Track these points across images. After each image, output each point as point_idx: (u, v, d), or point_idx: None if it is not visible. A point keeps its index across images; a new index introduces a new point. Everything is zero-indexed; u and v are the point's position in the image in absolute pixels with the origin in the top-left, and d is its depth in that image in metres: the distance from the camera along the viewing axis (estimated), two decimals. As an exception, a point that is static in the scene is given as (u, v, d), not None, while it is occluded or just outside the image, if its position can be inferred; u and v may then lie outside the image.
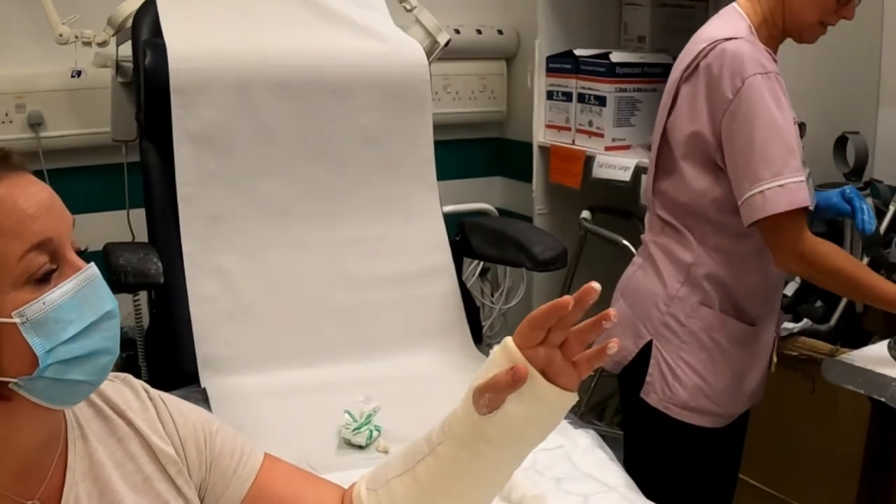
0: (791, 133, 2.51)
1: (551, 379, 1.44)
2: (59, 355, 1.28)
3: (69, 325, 1.29)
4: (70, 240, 1.35)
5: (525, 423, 1.47)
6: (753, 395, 2.82)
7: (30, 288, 1.28)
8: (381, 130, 3.42)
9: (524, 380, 1.41)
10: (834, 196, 2.82)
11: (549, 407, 1.47)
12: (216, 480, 1.57)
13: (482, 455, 1.50)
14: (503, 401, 1.45)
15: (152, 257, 2.95)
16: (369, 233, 3.39)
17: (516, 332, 1.47)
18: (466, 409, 1.48)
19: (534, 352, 1.44)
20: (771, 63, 2.53)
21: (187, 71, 3.17)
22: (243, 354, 3.12)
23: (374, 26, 3.51)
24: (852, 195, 2.77)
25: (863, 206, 2.75)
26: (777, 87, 2.51)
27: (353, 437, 2.69)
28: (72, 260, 1.33)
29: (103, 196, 3.73)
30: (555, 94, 4.06)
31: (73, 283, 1.31)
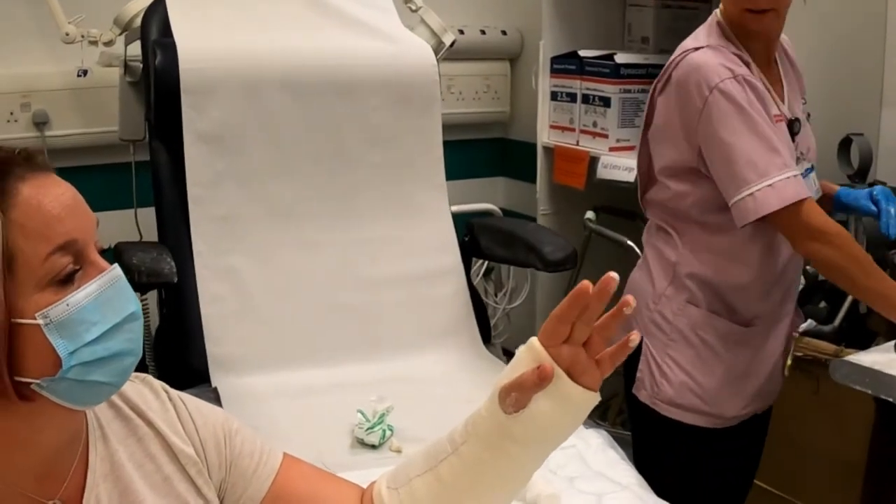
0: (770, 130, 2.51)
1: (575, 378, 1.46)
2: (83, 357, 1.28)
3: (93, 327, 1.29)
4: (94, 239, 1.35)
5: (550, 423, 1.48)
6: (759, 398, 2.82)
7: (53, 289, 1.28)
8: (391, 131, 3.43)
9: (550, 379, 1.43)
10: (862, 197, 2.79)
11: (574, 406, 1.48)
12: (236, 480, 1.57)
13: (507, 454, 1.51)
14: (529, 400, 1.46)
15: (165, 257, 2.95)
16: (379, 233, 3.40)
17: (541, 330, 1.48)
18: (492, 408, 1.49)
19: (558, 351, 1.46)
20: (739, 66, 2.53)
21: (197, 71, 3.18)
22: (254, 354, 3.12)
23: (383, 26, 3.52)
24: (880, 196, 2.73)
25: (890, 209, 2.71)
26: (746, 88, 2.51)
27: (366, 437, 2.69)
28: (95, 261, 1.33)
29: (110, 195, 3.72)
30: (559, 95, 4.07)
31: (96, 285, 1.31)
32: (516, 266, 4.24)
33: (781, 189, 2.47)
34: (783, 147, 2.53)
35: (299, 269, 3.28)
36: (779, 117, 2.62)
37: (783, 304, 2.82)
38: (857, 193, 2.82)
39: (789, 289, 2.84)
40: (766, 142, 2.49)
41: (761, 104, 2.53)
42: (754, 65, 2.60)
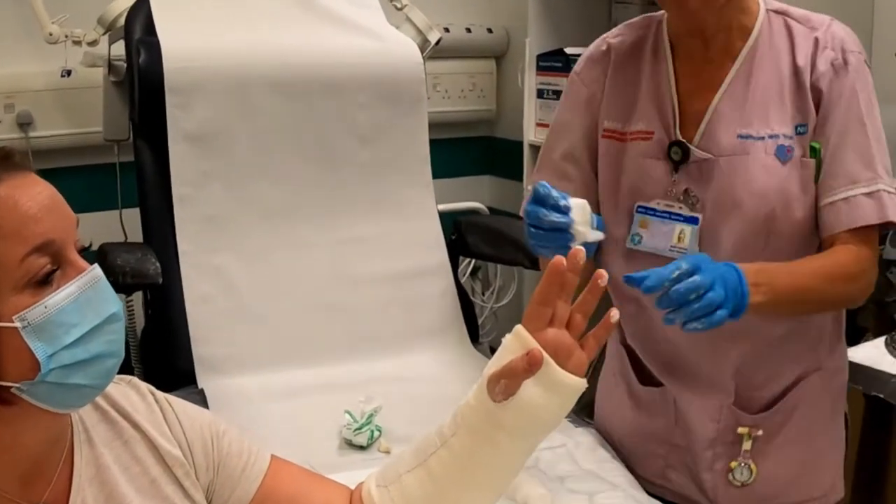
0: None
1: (561, 364, 1.50)
2: (62, 360, 1.27)
3: (72, 329, 1.28)
4: (74, 239, 1.34)
5: (539, 409, 1.51)
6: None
7: (31, 291, 1.27)
8: (377, 129, 3.42)
9: (540, 364, 1.46)
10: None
11: (562, 392, 1.51)
12: (224, 482, 1.56)
13: (497, 443, 1.52)
14: (518, 387, 1.48)
15: (150, 257, 2.94)
16: (366, 232, 3.39)
17: (525, 316, 1.53)
18: (480, 397, 1.51)
19: (543, 335, 1.50)
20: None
21: (182, 70, 3.16)
22: (241, 355, 3.11)
23: (369, 24, 3.51)
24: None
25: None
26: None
27: (354, 438, 2.67)
28: (74, 261, 1.32)
29: (94, 196, 3.71)
30: (545, 93, 4.06)
31: (76, 286, 1.29)
32: (503, 264, 4.24)
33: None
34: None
35: (286, 269, 3.27)
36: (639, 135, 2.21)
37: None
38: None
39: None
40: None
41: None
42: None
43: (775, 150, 2.09)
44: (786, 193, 2.08)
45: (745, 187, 2.08)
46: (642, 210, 2.18)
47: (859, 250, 2.05)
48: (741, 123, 2.10)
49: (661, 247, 2.15)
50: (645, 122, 2.18)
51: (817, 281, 2.03)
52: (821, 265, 2.05)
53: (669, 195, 2.15)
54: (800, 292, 2.02)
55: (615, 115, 2.23)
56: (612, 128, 2.24)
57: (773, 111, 2.10)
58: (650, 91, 2.19)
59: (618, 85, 2.24)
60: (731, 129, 2.11)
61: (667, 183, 2.15)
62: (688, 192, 2.14)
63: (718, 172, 2.11)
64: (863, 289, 2.10)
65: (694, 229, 2.12)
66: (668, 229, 2.15)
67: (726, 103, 2.12)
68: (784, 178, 2.08)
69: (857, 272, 2.06)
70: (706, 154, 2.11)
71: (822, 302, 2.11)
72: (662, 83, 2.18)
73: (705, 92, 2.14)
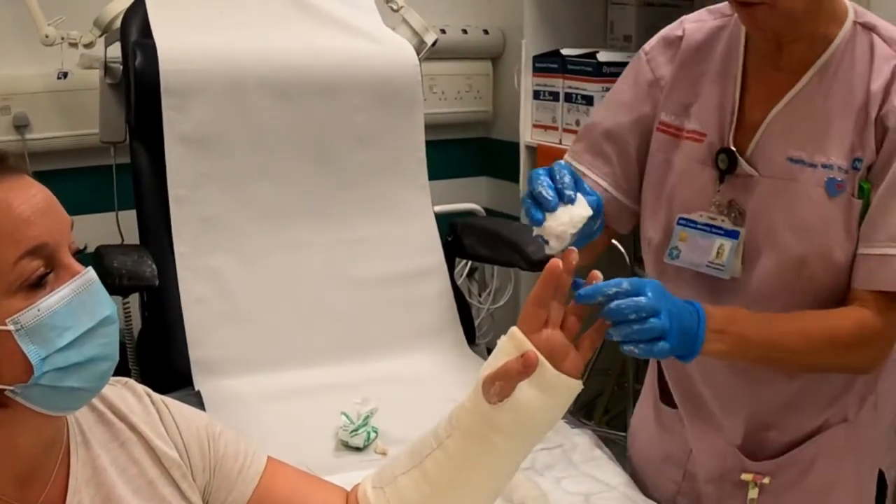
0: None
1: (556, 365, 1.51)
2: (56, 363, 1.27)
3: (65, 332, 1.28)
4: (69, 242, 1.34)
5: (535, 410, 1.52)
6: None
7: (23, 294, 1.27)
8: (374, 131, 3.42)
9: (534, 366, 1.48)
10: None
11: (557, 393, 1.52)
12: (220, 484, 1.57)
13: (492, 445, 1.53)
14: (513, 389, 1.50)
15: (147, 259, 2.93)
16: (362, 234, 3.39)
17: (520, 318, 1.55)
18: (475, 399, 1.52)
19: (538, 337, 1.52)
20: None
21: (178, 72, 3.16)
22: (237, 356, 3.11)
23: (365, 26, 3.52)
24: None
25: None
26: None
27: (350, 439, 2.68)
28: (68, 264, 1.32)
29: (91, 198, 3.70)
30: (541, 94, 4.06)
31: (69, 289, 1.30)
32: (500, 266, 4.24)
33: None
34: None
35: (282, 270, 3.27)
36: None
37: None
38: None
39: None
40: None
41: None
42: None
43: (825, 182, 1.88)
44: (827, 232, 1.89)
45: (784, 217, 1.91)
46: (683, 222, 2.01)
47: (876, 316, 1.84)
48: (794, 145, 1.91)
49: (699, 262, 1.99)
50: (700, 122, 2.02)
51: (802, 343, 1.86)
52: (812, 327, 1.87)
53: (713, 206, 1.99)
54: (776, 350, 1.87)
55: (674, 108, 2.06)
56: (669, 122, 2.06)
57: (833, 137, 1.88)
58: (713, 90, 2.01)
59: (683, 76, 2.06)
60: (782, 149, 1.92)
61: (711, 192, 1.99)
62: (732, 204, 1.97)
63: (760, 193, 1.94)
64: (869, 359, 1.93)
65: (733, 244, 1.95)
66: (708, 244, 1.98)
67: (784, 119, 1.92)
68: (828, 215, 1.88)
69: (861, 341, 1.86)
70: (752, 171, 1.94)
71: (807, 365, 1.95)
72: (728, 83, 1.99)
73: (768, 101, 1.94)
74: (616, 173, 2.13)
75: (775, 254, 1.92)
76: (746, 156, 1.94)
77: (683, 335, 1.72)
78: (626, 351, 1.66)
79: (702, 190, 2.00)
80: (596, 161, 2.13)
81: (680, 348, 1.72)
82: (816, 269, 1.90)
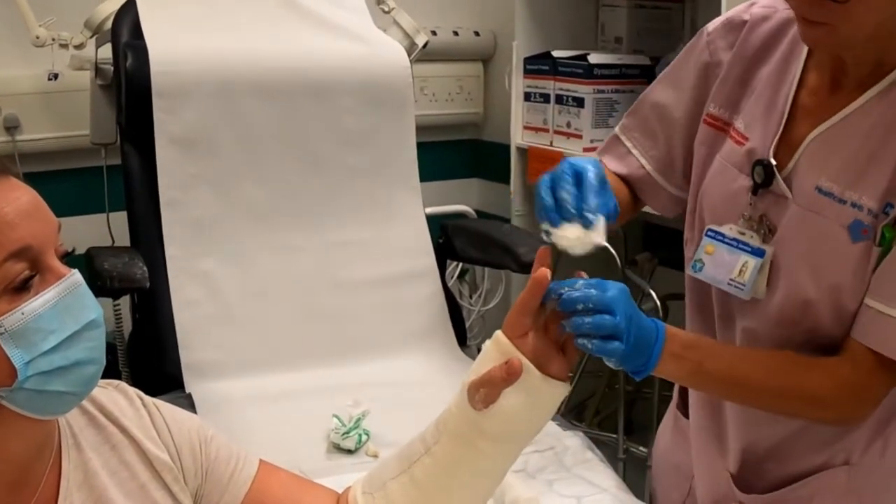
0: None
1: (542, 368, 1.51)
2: (40, 366, 1.27)
3: (49, 336, 1.27)
4: (56, 244, 1.33)
5: (521, 416, 1.52)
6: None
7: (7, 297, 1.26)
8: (365, 133, 3.42)
9: (518, 374, 1.48)
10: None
11: (543, 397, 1.53)
12: (212, 487, 1.56)
13: (479, 450, 1.53)
14: (498, 395, 1.50)
15: (137, 262, 2.93)
16: (353, 236, 3.39)
17: (505, 323, 1.54)
18: (461, 405, 1.52)
19: (523, 341, 1.52)
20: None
21: (169, 74, 3.16)
22: (228, 359, 3.11)
23: (356, 28, 3.51)
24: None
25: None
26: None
27: (342, 442, 2.68)
28: (54, 267, 1.31)
29: (82, 199, 3.70)
30: (532, 96, 4.06)
31: (54, 292, 1.29)
32: (491, 268, 4.23)
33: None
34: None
35: (273, 273, 3.27)
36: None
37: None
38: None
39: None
40: None
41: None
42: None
43: (850, 224, 1.69)
44: (841, 277, 1.72)
45: (799, 250, 1.76)
46: (712, 234, 1.86)
47: (859, 373, 1.71)
48: (828, 174, 1.72)
49: (721, 278, 1.84)
50: (746, 123, 1.86)
51: (766, 388, 1.76)
52: (783, 374, 1.75)
53: (744, 219, 1.83)
54: (736, 389, 1.78)
55: (724, 100, 1.91)
56: (717, 115, 1.91)
57: (870, 175, 1.69)
58: (766, 90, 1.85)
59: (740, 67, 1.90)
60: (814, 176, 1.74)
61: (743, 203, 1.83)
62: (763, 220, 1.81)
63: (789, 218, 1.77)
64: (844, 417, 1.79)
65: (757, 263, 1.78)
66: (732, 260, 1.82)
67: (825, 141, 1.74)
68: (847, 260, 1.71)
69: (836, 399, 1.74)
70: (786, 191, 1.77)
71: (772, 410, 1.83)
72: (782, 87, 1.82)
73: (818, 118, 1.76)
74: (660, 157, 2.03)
75: (785, 287, 1.78)
76: (784, 173, 1.78)
77: (638, 346, 1.64)
78: (580, 346, 1.57)
79: (734, 198, 1.85)
80: (644, 140, 2.04)
81: (633, 358, 1.64)
82: (823, 312, 1.74)
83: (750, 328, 1.85)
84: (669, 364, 1.68)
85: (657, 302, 3.53)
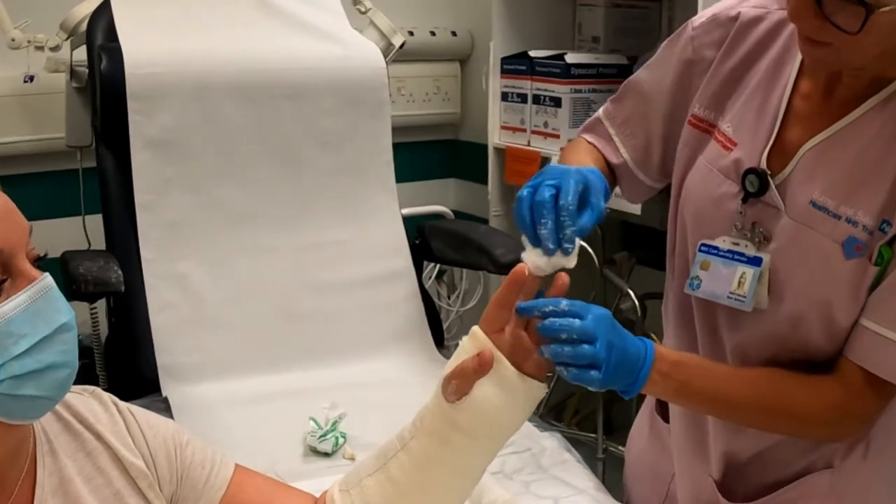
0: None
1: (518, 364, 1.53)
2: (12, 370, 1.26)
3: (21, 340, 1.26)
4: (27, 248, 1.33)
5: (494, 409, 1.53)
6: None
7: None
8: (340, 134, 3.42)
9: (490, 364, 1.49)
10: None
11: (517, 393, 1.53)
12: (187, 493, 1.56)
13: (453, 444, 1.54)
14: (471, 387, 1.51)
15: (112, 265, 2.92)
16: (330, 237, 3.39)
17: (482, 318, 1.56)
18: (436, 399, 1.54)
19: (500, 336, 1.54)
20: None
21: (144, 76, 3.15)
22: (205, 362, 3.10)
23: (332, 29, 3.51)
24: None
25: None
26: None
27: (318, 445, 2.68)
28: (25, 270, 1.31)
29: (57, 203, 3.70)
30: (510, 96, 4.06)
31: (25, 296, 1.28)
32: (468, 269, 4.23)
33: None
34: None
35: (250, 275, 3.26)
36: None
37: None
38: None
39: None
40: None
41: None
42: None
43: (844, 240, 1.65)
44: (833, 294, 1.68)
45: (791, 263, 1.72)
46: (705, 249, 1.80)
47: (851, 394, 1.69)
48: (822, 187, 1.67)
49: (720, 293, 1.77)
50: (734, 127, 1.80)
51: (755, 407, 1.73)
52: (772, 395, 1.71)
53: (736, 229, 1.78)
54: (724, 408, 1.76)
55: (710, 101, 1.85)
56: (702, 115, 1.86)
57: (867, 189, 1.65)
58: (757, 94, 1.79)
59: (728, 65, 1.84)
60: (808, 188, 1.69)
61: (730, 211, 1.78)
62: (755, 227, 1.76)
63: (780, 229, 1.73)
64: (835, 436, 1.79)
65: (755, 272, 1.73)
66: (730, 272, 1.76)
67: (821, 153, 1.69)
68: (839, 276, 1.66)
69: (827, 419, 1.72)
70: (779, 202, 1.72)
71: (762, 429, 1.81)
72: (774, 92, 1.77)
73: (811, 126, 1.71)
74: (639, 147, 2.00)
75: (777, 299, 1.74)
76: (778, 181, 1.73)
77: (623, 370, 1.62)
78: (557, 371, 1.58)
79: (722, 207, 1.80)
80: (625, 129, 2.01)
81: (617, 383, 1.63)
82: (813, 327, 1.71)
83: (738, 344, 1.82)
84: (657, 383, 1.67)
85: (635, 301, 3.54)
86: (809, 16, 1.53)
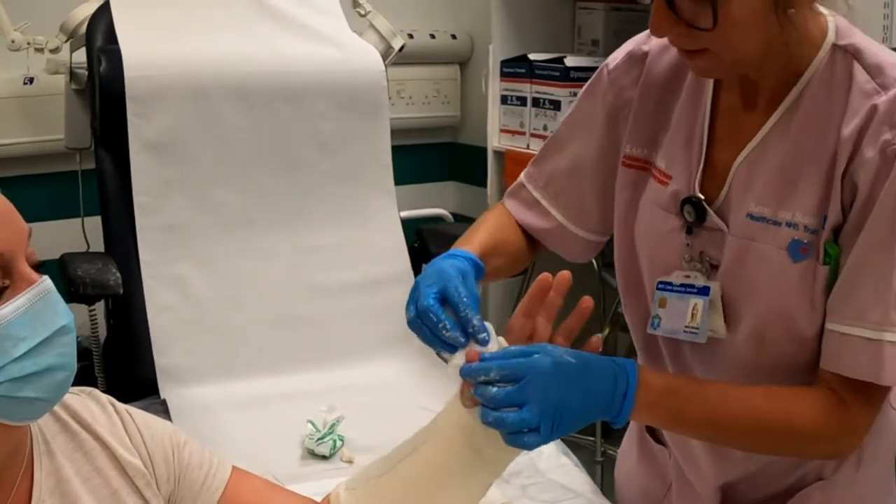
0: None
1: None
2: (11, 373, 1.26)
3: (20, 342, 1.27)
4: (26, 252, 1.33)
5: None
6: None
7: None
8: (339, 137, 3.42)
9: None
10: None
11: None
12: (185, 494, 1.56)
13: (468, 450, 1.52)
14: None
15: (111, 267, 2.93)
16: (328, 240, 3.39)
17: (507, 328, 1.57)
18: (453, 404, 1.53)
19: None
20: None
21: (143, 78, 3.16)
22: (203, 364, 3.11)
23: (331, 32, 3.52)
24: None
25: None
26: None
27: (316, 448, 2.68)
28: (25, 274, 1.31)
29: (57, 204, 3.71)
30: (509, 99, 4.06)
31: (25, 299, 1.28)
32: (466, 272, 4.23)
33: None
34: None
35: (249, 278, 3.27)
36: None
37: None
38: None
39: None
40: None
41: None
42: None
43: (788, 244, 1.60)
44: (789, 301, 1.62)
45: (743, 282, 1.66)
46: (661, 287, 1.75)
47: (839, 404, 1.59)
48: (757, 199, 1.64)
49: (677, 328, 1.72)
50: (666, 160, 1.75)
51: (753, 430, 1.61)
52: (768, 417, 1.60)
53: (686, 261, 1.72)
54: (722, 434, 1.64)
55: (641, 139, 1.79)
56: (636, 155, 1.80)
57: (800, 190, 1.60)
58: (682, 123, 1.74)
59: (650, 101, 1.79)
60: (744, 204, 1.65)
61: (679, 245, 1.73)
62: (702, 257, 1.71)
63: (728, 250, 1.68)
64: (835, 451, 1.69)
65: (705, 302, 1.68)
66: (683, 306, 1.71)
67: (749, 165, 1.65)
68: (791, 282, 1.61)
69: (823, 434, 1.61)
70: (721, 224, 1.68)
71: (762, 452, 1.74)
72: (697, 116, 1.72)
73: (738, 142, 1.67)
74: (571, 204, 1.92)
75: (743, 318, 1.68)
76: (716, 206, 1.69)
77: (585, 415, 1.50)
78: (503, 437, 1.47)
79: (667, 240, 1.75)
80: (548, 190, 1.92)
81: (573, 428, 1.50)
82: (779, 341, 1.66)
83: (712, 377, 1.73)
84: (646, 414, 1.58)
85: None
86: (670, 24, 1.51)
